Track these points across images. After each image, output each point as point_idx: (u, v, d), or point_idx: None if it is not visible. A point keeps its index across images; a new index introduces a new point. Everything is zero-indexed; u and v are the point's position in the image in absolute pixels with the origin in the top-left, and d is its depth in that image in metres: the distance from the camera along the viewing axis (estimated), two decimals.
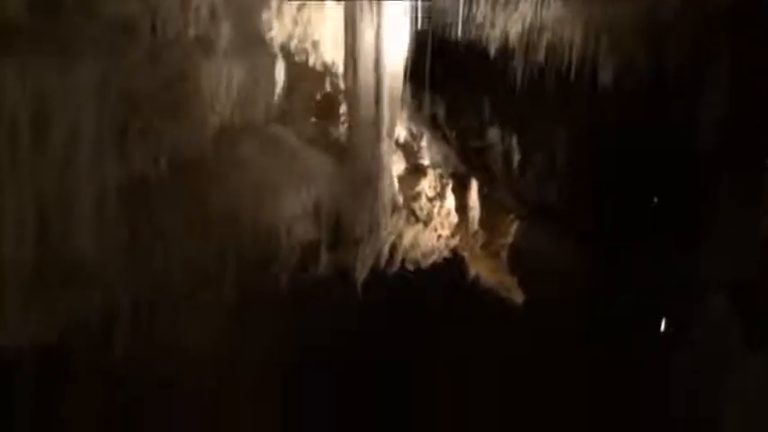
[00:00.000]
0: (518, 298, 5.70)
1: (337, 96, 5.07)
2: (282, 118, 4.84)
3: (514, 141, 5.93)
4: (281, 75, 4.79)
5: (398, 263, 5.35)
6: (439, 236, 5.54)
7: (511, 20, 5.40)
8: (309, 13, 4.91)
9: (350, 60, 4.65)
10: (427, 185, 5.51)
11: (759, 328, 4.87)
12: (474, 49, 5.42)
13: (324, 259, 4.83)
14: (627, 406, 5.18)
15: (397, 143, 5.41)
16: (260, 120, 4.65)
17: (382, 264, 5.20)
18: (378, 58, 4.64)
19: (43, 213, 3.68)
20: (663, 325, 5.73)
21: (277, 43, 4.81)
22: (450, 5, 5.37)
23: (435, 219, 5.50)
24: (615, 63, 5.35)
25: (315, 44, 5.05)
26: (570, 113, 5.66)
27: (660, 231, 5.56)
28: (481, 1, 5.38)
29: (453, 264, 5.63)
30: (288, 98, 4.87)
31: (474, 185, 5.70)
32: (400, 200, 5.32)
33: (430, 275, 5.49)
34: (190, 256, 4.29)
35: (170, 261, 4.25)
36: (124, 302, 4.15)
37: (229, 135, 4.47)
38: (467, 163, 5.89)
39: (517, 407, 5.19)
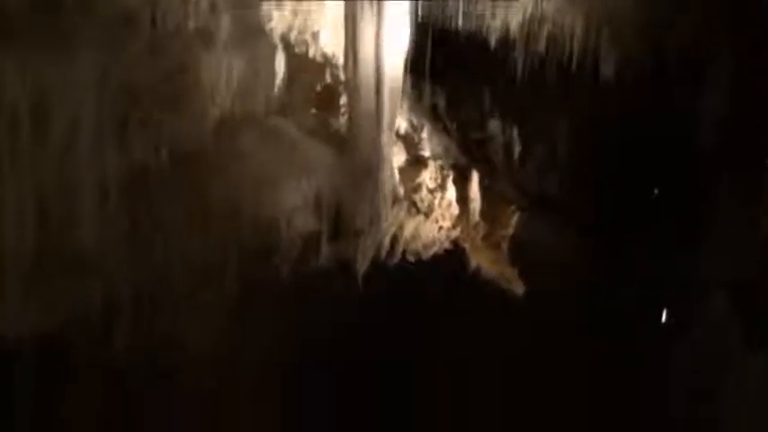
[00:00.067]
0: (519, 289, 5.69)
1: (337, 88, 5.06)
2: (283, 109, 4.83)
3: (515, 133, 5.93)
4: (282, 66, 4.78)
5: (399, 254, 5.34)
6: (440, 227, 5.53)
7: (511, 10, 5.39)
8: (309, 5, 4.90)
9: (350, 51, 4.63)
10: (428, 177, 5.50)
11: (759, 328, 4.87)
12: (474, 40, 5.41)
13: (325, 251, 4.83)
14: (627, 399, 5.19)
15: (398, 134, 5.39)
16: (260, 111, 4.65)
17: (383, 255, 5.19)
18: (378, 49, 4.63)
19: (43, 205, 3.70)
20: (663, 318, 5.73)
21: (277, 34, 4.81)
22: None
23: (436, 210, 5.49)
24: (616, 54, 5.34)
25: (315, 35, 5.04)
26: (571, 105, 5.66)
27: (661, 224, 5.56)
28: None
29: (454, 255, 5.62)
30: (288, 90, 4.87)
31: (475, 177, 5.69)
32: (401, 191, 5.30)
33: (431, 267, 5.48)
34: (190, 248, 4.30)
35: (170, 253, 4.26)
36: (124, 294, 4.16)
37: (229, 127, 4.47)
38: (468, 154, 5.89)
39: (518, 398, 5.20)
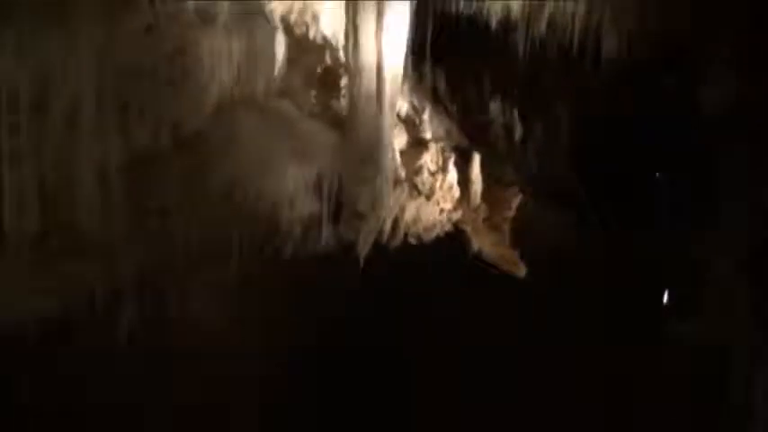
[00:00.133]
0: (520, 272, 5.69)
1: (338, 70, 5.03)
2: (283, 92, 4.81)
3: (516, 115, 5.92)
4: (282, 48, 4.75)
5: (401, 237, 5.33)
6: (441, 210, 5.52)
7: None
8: None
9: (351, 33, 4.60)
10: (429, 159, 5.48)
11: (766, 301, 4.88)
12: (476, 22, 5.38)
13: (326, 233, 4.81)
14: (630, 380, 5.21)
15: (399, 117, 5.37)
16: (260, 94, 4.62)
17: (385, 238, 5.18)
18: (379, 31, 4.59)
19: (44, 187, 3.69)
20: (666, 298, 5.75)
21: (277, 16, 4.77)
22: None
23: (437, 193, 5.47)
24: (618, 35, 5.31)
25: (315, 17, 5.01)
26: (572, 86, 5.65)
27: (665, 205, 5.57)
28: None
29: (455, 238, 5.61)
30: (288, 72, 4.83)
31: (476, 159, 5.66)
32: (402, 174, 5.28)
33: (432, 249, 5.47)
34: (191, 231, 4.29)
35: (172, 236, 4.25)
36: (127, 277, 4.15)
37: (230, 109, 4.45)
38: (469, 137, 5.87)
39: (518, 381, 5.21)
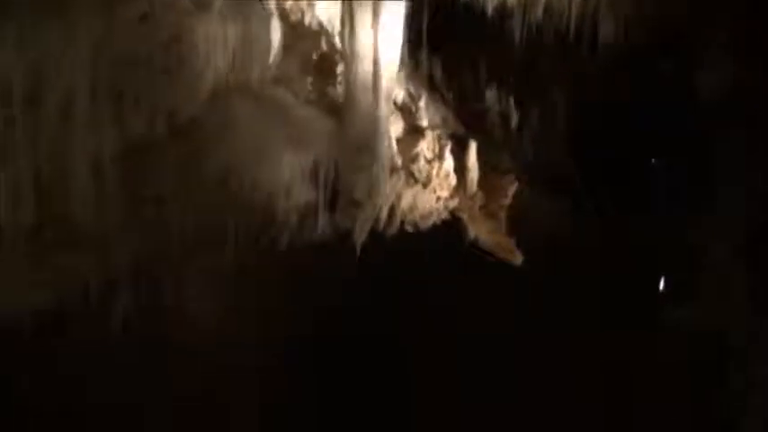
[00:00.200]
0: (516, 259, 5.70)
1: (334, 56, 5.00)
2: (279, 79, 4.78)
3: (512, 102, 5.90)
4: (277, 35, 4.71)
5: (397, 225, 5.32)
6: (437, 197, 5.50)
7: None
8: None
9: (347, 19, 4.57)
10: (426, 147, 5.45)
11: (764, 287, 4.90)
12: (472, 8, 5.35)
13: (322, 221, 4.80)
14: (627, 367, 5.23)
15: (396, 104, 5.34)
16: (256, 81, 4.59)
17: (381, 226, 5.17)
18: (375, 18, 4.57)
19: (39, 178, 3.66)
20: (662, 284, 5.77)
21: (272, 2, 4.73)
22: None
23: (434, 180, 5.45)
24: (615, 20, 5.29)
25: (311, 3, 4.97)
26: (569, 72, 5.63)
27: (661, 190, 5.58)
28: None
29: (452, 225, 5.60)
30: (284, 58, 4.80)
31: (473, 147, 5.65)
32: (399, 161, 5.27)
33: (428, 237, 5.46)
34: (187, 219, 4.27)
35: (167, 224, 4.23)
36: (122, 267, 4.14)
37: (225, 96, 4.41)
38: (465, 124, 5.85)
39: (515, 368, 5.23)
